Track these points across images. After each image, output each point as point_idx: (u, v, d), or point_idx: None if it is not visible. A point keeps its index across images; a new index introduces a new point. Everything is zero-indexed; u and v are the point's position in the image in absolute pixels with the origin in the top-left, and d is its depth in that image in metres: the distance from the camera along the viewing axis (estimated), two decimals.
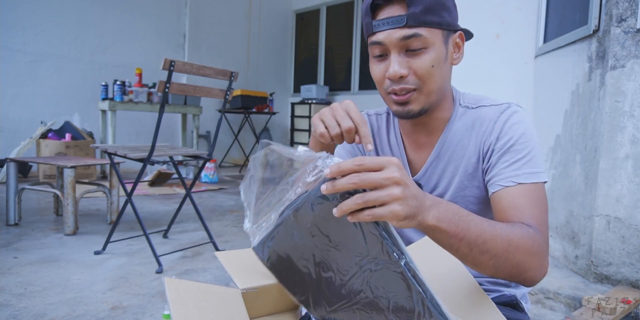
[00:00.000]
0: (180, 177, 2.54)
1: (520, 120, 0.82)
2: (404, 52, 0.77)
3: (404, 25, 0.75)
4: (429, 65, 0.77)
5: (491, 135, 0.83)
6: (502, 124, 0.82)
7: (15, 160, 2.80)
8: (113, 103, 4.39)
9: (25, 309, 1.63)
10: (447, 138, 0.87)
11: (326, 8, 6.87)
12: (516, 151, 0.79)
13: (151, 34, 5.74)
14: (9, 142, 4.65)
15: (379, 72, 0.81)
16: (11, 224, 2.75)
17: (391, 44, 0.77)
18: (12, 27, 4.66)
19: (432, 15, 0.75)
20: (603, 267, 1.87)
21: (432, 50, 0.77)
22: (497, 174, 0.80)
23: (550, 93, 2.45)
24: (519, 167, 0.78)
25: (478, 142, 0.84)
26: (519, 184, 0.77)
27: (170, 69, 2.03)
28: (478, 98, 0.89)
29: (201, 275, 2.04)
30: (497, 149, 0.81)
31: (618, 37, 1.81)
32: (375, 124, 0.98)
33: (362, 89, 6.40)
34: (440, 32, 0.78)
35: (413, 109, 0.81)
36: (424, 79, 0.78)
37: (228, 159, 6.53)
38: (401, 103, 0.80)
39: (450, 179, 0.87)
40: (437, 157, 0.88)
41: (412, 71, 0.77)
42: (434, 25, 0.76)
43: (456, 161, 0.86)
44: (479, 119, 0.85)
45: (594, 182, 1.89)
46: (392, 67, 0.77)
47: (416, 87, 0.79)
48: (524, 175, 0.77)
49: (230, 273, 0.77)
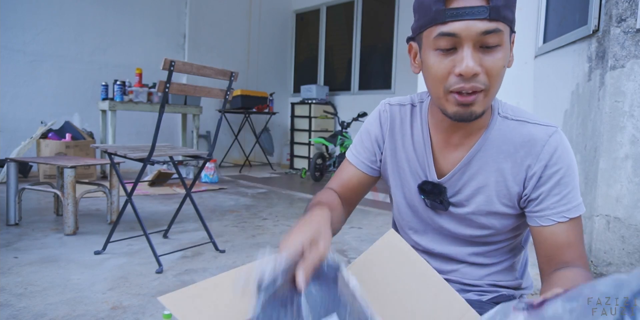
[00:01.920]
0: (180, 177, 2.54)
1: (567, 149, 0.79)
2: (477, 47, 0.70)
3: (486, 18, 0.67)
4: (502, 65, 0.71)
5: (538, 160, 0.78)
6: (551, 150, 0.78)
7: (16, 160, 2.80)
8: (113, 103, 4.40)
9: (25, 309, 1.63)
10: (483, 145, 0.82)
11: (326, 8, 6.87)
12: (565, 184, 0.78)
13: (151, 34, 5.74)
14: (9, 142, 4.65)
15: (442, 68, 0.72)
16: (11, 224, 2.75)
17: (468, 37, 0.68)
18: (12, 27, 4.66)
19: (509, 11, 0.70)
20: (603, 267, 1.87)
21: (504, 49, 0.71)
22: (548, 207, 0.78)
23: (550, 93, 2.45)
24: (568, 201, 0.77)
25: (519, 162, 0.80)
26: (570, 219, 0.77)
27: (170, 69, 2.04)
28: (517, 110, 0.84)
29: (201, 275, 2.04)
30: (545, 178, 0.78)
31: (618, 37, 1.81)
32: (397, 114, 0.91)
33: (362, 89, 6.41)
34: (509, 29, 0.73)
35: (476, 111, 0.73)
36: (494, 80, 0.72)
37: (228, 159, 6.53)
38: (466, 104, 0.73)
39: (476, 188, 0.83)
40: (469, 163, 0.83)
41: (484, 70, 0.70)
42: (508, 22, 0.70)
43: (487, 172, 0.82)
44: (520, 136, 0.80)
45: (594, 182, 1.89)
46: (467, 63, 0.69)
47: (485, 88, 0.72)
48: (573, 210, 0.77)
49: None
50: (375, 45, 6.28)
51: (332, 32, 6.84)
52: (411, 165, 0.89)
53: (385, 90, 6.07)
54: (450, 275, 0.90)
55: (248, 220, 3.17)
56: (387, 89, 6.07)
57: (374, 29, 6.28)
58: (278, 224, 3.10)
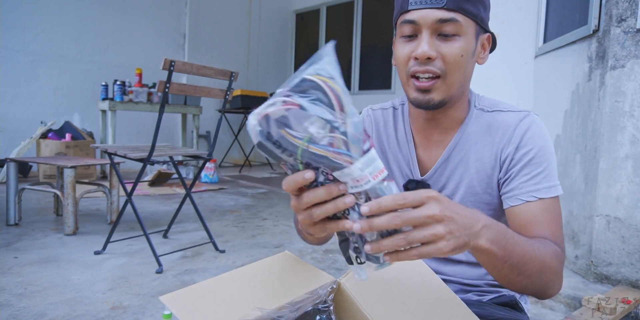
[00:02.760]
0: (180, 177, 2.54)
1: (540, 131, 0.80)
2: (435, 35, 0.75)
3: (442, 7, 0.72)
4: (459, 54, 0.75)
5: (510, 143, 0.80)
6: (522, 133, 0.80)
7: (16, 160, 2.80)
8: (113, 103, 4.39)
9: (25, 309, 1.63)
10: (460, 139, 0.85)
11: (326, 8, 6.87)
12: (536, 164, 0.78)
13: (151, 34, 5.74)
14: (9, 142, 4.65)
15: (404, 53, 0.77)
16: (11, 224, 2.75)
17: (425, 24, 0.74)
18: (12, 27, 4.66)
19: (470, 4, 0.74)
20: (603, 267, 1.87)
21: (464, 39, 0.75)
22: (516, 187, 0.78)
23: (550, 93, 2.45)
24: (538, 181, 0.77)
25: (494, 148, 0.82)
26: (540, 199, 0.76)
27: (170, 69, 2.03)
28: (494, 102, 0.87)
29: (201, 275, 2.04)
30: (516, 160, 0.80)
31: (618, 37, 1.81)
32: (380, 118, 0.94)
33: (362, 89, 6.40)
34: (474, 24, 0.76)
35: (434, 99, 0.77)
36: (451, 67, 0.75)
37: (228, 159, 6.53)
38: (423, 90, 0.77)
39: (459, 181, 0.85)
40: (448, 158, 0.86)
41: (440, 56, 0.74)
42: (470, 15, 0.74)
43: (467, 164, 0.84)
44: (495, 124, 0.83)
45: (594, 182, 1.89)
46: (422, 47, 0.74)
47: (441, 74, 0.75)
48: (544, 190, 0.77)
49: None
50: (375, 45, 6.27)
51: (332, 32, 6.84)
52: (399, 165, 0.91)
53: (385, 90, 6.06)
54: (449, 276, 0.89)
55: (248, 220, 3.17)
56: (387, 89, 6.07)
57: (374, 29, 6.28)
58: (278, 224, 3.09)
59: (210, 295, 0.67)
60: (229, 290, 0.69)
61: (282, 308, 0.65)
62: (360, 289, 0.69)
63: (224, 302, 0.66)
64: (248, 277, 0.73)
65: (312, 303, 0.65)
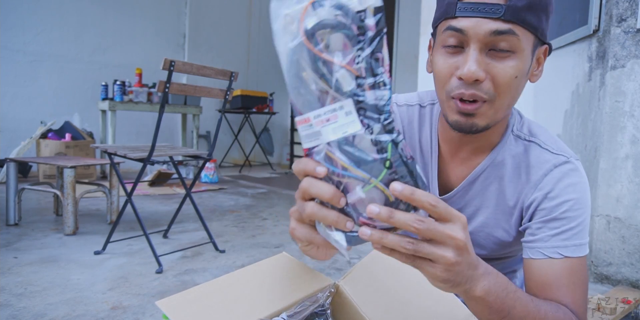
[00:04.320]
0: (180, 177, 2.54)
1: (577, 181, 0.71)
2: (486, 51, 0.63)
3: (499, 17, 0.60)
4: (512, 75, 0.63)
5: (537, 189, 0.72)
6: (554, 181, 0.71)
7: (15, 160, 2.80)
8: (113, 103, 4.39)
9: (25, 309, 1.62)
10: (488, 165, 0.76)
11: None
12: (569, 219, 0.69)
13: (151, 34, 5.74)
14: (9, 142, 4.65)
15: (446, 67, 0.66)
16: (11, 224, 2.74)
17: (475, 36, 0.62)
18: (12, 27, 4.66)
19: (532, 15, 0.61)
20: (603, 267, 1.87)
21: (519, 57, 0.63)
22: (541, 239, 0.70)
23: (550, 93, 2.45)
24: (567, 238, 0.69)
25: (519, 187, 0.74)
26: (565, 258, 0.68)
27: (170, 69, 2.03)
28: (532, 129, 0.77)
29: (201, 275, 2.04)
30: (543, 209, 0.71)
31: (618, 37, 1.81)
32: (405, 115, 0.83)
33: None
34: (533, 38, 0.64)
35: (478, 124, 0.66)
36: (501, 90, 0.64)
37: (228, 159, 6.53)
38: (466, 114, 0.65)
39: (476, 209, 0.78)
40: (473, 182, 0.77)
41: (489, 77, 0.63)
42: (530, 28, 0.62)
43: (489, 193, 0.76)
44: (526, 160, 0.74)
45: (594, 182, 1.89)
46: (469, 66, 0.62)
47: (488, 98, 0.64)
48: (572, 248, 0.68)
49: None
50: None
51: None
52: None
53: None
54: None
55: (248, 220, 3.17)
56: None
57: None
58: (278, 224, 3.09)
59: (206, 300, 0.66)
60: (225, 295, 0.68)
61: (280, 315, 0.65)
62: (358, 291, 0.68)
63: (220, 306, 0.66)
64: (245, 281, 0.72)
65: (310, 310, 0.64)
